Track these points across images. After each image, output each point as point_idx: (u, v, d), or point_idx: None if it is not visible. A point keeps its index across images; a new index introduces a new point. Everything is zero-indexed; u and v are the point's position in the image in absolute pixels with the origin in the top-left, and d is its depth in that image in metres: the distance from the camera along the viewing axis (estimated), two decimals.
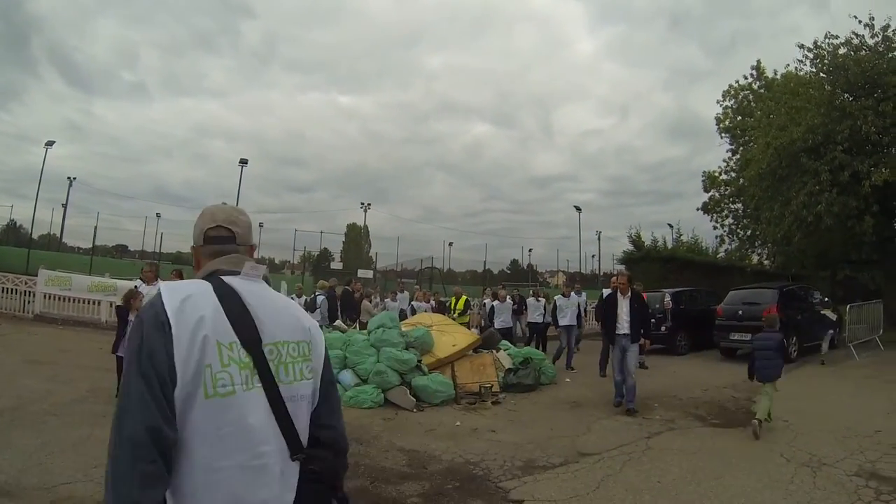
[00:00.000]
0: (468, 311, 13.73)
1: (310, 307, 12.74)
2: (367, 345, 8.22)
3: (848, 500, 4.23)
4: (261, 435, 1.35)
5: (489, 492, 4.49)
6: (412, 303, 14.28)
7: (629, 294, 7.82)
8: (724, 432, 6.29)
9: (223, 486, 1.28)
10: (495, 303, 13.03)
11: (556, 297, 12.33)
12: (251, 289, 1.46)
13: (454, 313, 13.39)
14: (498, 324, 12.28)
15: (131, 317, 6.89)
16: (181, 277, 10.13)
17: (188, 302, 1.33)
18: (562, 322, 11.51)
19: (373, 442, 5.88)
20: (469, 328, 11.50)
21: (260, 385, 1.36)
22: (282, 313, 1.50)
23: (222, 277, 1.45)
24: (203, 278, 1.46)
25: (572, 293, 12.04)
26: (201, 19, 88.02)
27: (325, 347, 1.60)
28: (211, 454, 1.27)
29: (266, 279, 1.55)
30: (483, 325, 12.61)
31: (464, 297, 14.22)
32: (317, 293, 13.00)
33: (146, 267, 7.76)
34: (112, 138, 72.21)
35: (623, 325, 7.66)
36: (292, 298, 12.95)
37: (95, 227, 32.41)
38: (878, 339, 13.36)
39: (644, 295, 11.19)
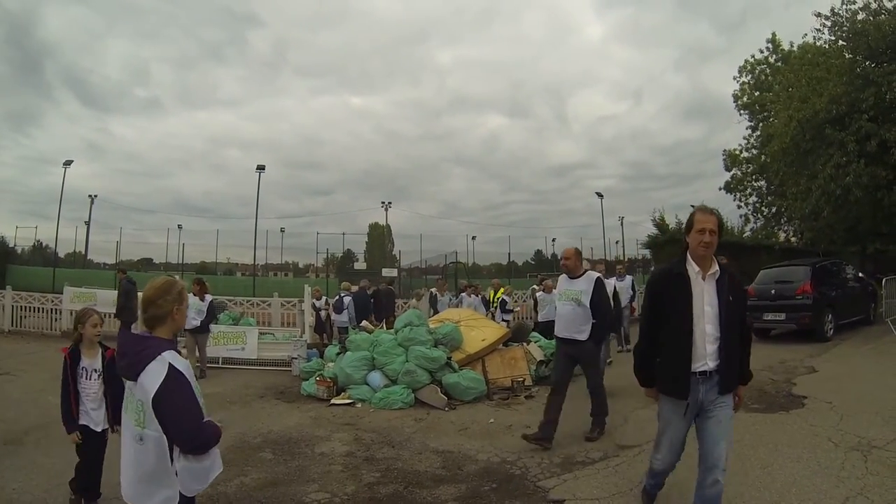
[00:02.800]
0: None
1: (337, 308, 12.84)
2: (395, 344, 8.12)
3: None
4: None
5: (528, 492, 4.37)
6: (462, 294, 14.11)
7: (717, 272, 3.34)
8: (767, 418, 6.08)
9: None
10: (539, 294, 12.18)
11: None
12: None
13: (493, 306, 13.42)
14: (540, 317, 11.56)
15: None
16: (202, 286, 10.14)
17: None
18: None
19: (405, 444, 5.80)
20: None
21: None
22: None
23: None
24: None
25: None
26: (209, 31, 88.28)
27: None
28: None
29: None
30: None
31: (502, 290, 14.11)
32: (342, 294, 13.04)
33: None
34: (130, 154, 72.83)
35: (706, 349, 3.25)
36: (312, 303, 13.14)
37: (118, 242, 32.94)
38: None
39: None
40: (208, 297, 10.00)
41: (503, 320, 12.81)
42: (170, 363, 2.22)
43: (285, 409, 7.53)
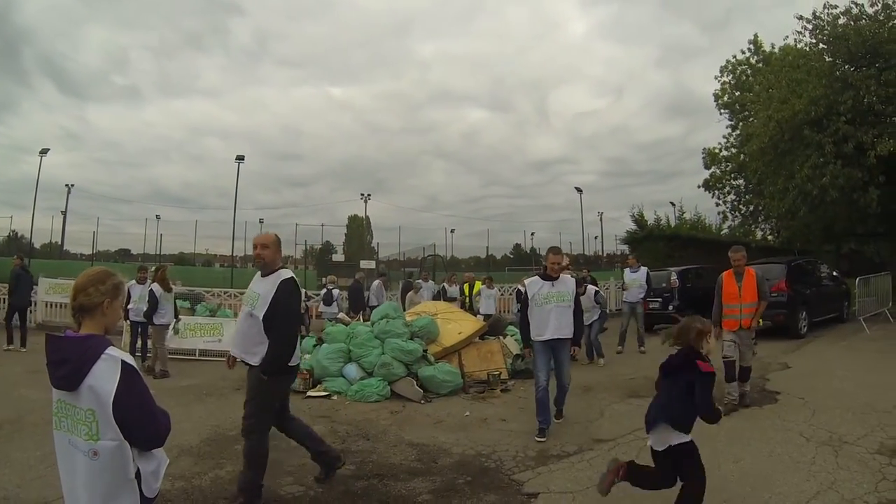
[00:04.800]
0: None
1: (326, 300, 13.14)
2: (371, 336, 8.04)
3: (873, 480, 4.09)
4: None
5: (502, 485, 4.34)
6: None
7: None
8: (740, 413, 6.12)
9: None
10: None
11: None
12: None
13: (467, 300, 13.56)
14: None
15: None
16: (145, 273, 9.84)
17: None
18: None
19: (380, 437, 5.75)
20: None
21: None
22: None
23: None
24: None
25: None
26: (190, 19, 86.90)
27: None
28: None
29: None
30: None
31: (478, 283, 14.18)
32: (329, 287, 13.54)
33: None
34: (108, 143, 71.69)
35: None
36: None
37: (95, 233, 32.49)
38: (887, 312, 13.22)
39: None
40: (150, 285, 9.34)
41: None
42: (121, 359, 2.05)
43: None
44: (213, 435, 5.77)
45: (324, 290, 13.68)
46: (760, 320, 6.69)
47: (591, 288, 9.92)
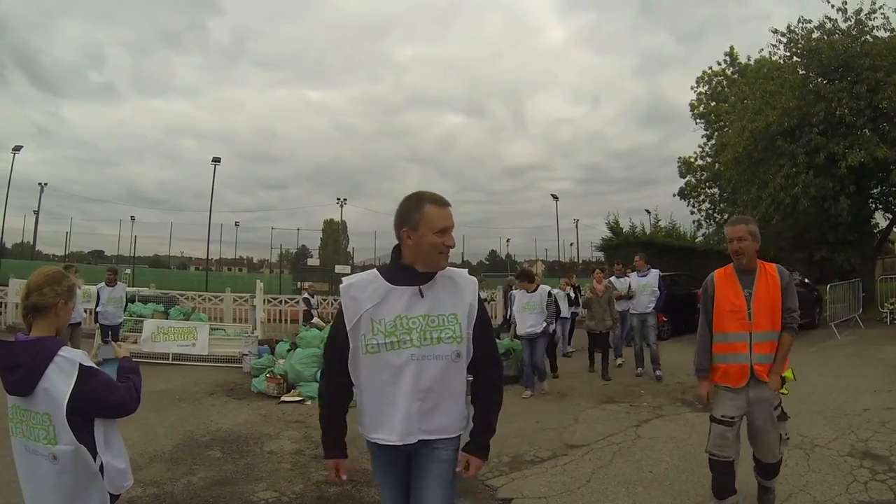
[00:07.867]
0: None
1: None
2: None
3: (844, 482, 4.13)
4: None
5: (476, 490, 4.29)
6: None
7: None
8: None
9: None
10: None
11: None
12: None
13: None
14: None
15: None
16: (114, 275, 9.88)
17: None
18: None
19: (353, 442, 5.51)
20: None
21: None
22: None
23: None
24: None
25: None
26: (168, 16, 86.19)
27: None
28: None
29: None
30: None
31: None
32: None
33: None
34: (82, 141, 70.65)
35: None
36: (307, 298, 13.87)
37: (68, 233, 31.86)
38: (857, 318, 13.47)
39: None
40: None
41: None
42: (78, 361, 2.04)
43: (235, 406, 7.32)
44: (186, 440, 5.67)
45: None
46: (791, 372, 3.54)
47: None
